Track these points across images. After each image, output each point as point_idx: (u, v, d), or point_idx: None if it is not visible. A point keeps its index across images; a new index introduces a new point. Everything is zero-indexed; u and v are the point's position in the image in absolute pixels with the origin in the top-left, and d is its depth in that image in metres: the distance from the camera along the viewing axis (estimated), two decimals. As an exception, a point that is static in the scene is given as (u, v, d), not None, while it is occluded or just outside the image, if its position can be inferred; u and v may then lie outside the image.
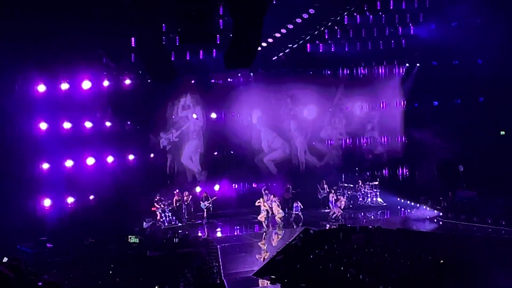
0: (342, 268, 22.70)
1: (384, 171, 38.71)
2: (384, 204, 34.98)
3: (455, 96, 36.50)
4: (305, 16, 28.65)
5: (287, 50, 33.36)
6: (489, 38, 31.16)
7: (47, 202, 29.04)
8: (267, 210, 31.87)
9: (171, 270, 23.37)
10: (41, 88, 28.62)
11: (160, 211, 32.31)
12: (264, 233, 30.74)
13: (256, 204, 31.90)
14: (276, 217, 32.05)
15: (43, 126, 28.98)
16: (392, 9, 33.78)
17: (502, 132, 35.05)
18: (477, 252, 23.29)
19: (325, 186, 35.97)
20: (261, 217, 31.66)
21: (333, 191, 34.46)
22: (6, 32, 23.82)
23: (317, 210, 35.14)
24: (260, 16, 14.87)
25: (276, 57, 33.80)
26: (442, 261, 22.88)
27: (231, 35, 16.20)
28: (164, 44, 27.37)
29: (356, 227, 29.94)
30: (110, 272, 23.38)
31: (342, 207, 33.21)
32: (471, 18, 32.46)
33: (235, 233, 31.23)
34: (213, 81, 35.81)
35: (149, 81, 32.21)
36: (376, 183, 36.36)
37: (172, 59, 29.75)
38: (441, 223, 31.10)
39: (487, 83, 33.11)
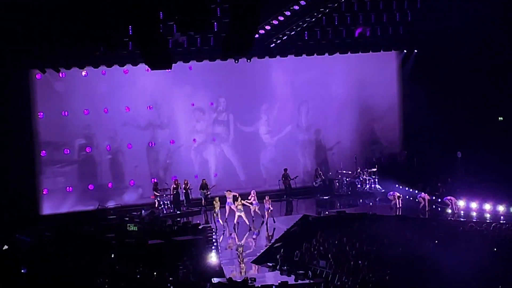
0: (341, 255, 22.79)
1: (382, 158, 38.53)
2: (383, 191, 34.87)
3: (452, 82, 36.20)
4: (303, 3, 28.60)
5: (285, 37, 33.16)
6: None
7: None
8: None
9: (170, 258, 23.40)
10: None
11: (158, 199, 32.30)
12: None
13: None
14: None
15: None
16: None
17: (500, 118, 34.95)
18: (474, 239, 23.41)
19: (320, 173, 35.93)
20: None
21: None
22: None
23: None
24: (257, 3, 14.84)
25: (274, 44, 33.62)
26: (436, 241, 23.14)
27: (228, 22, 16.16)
28: (162, 32, 27.26)
29: (355, 213, 30.04)
30: (110, 260, 23.41)
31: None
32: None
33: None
34: None
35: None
36: (375, 169, 36.25)
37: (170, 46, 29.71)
38: (439, 209, 31.10)
39: (486, 68, 32.96)
